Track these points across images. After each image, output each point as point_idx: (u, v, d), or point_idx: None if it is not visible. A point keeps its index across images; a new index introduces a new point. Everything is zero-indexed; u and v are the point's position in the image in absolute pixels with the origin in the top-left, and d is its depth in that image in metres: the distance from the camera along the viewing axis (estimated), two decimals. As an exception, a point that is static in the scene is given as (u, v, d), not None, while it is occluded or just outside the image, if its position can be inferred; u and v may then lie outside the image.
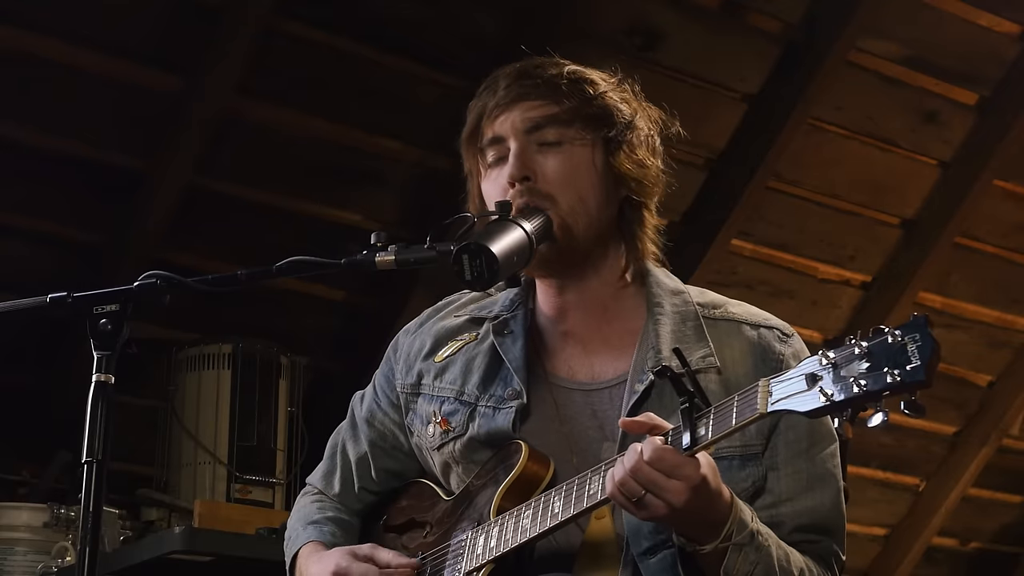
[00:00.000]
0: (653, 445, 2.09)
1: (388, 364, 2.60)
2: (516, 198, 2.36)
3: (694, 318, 2.42)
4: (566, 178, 2.37)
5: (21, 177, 4.51)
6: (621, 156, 2.40)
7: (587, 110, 2.40)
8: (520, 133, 2.39)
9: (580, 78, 2.42)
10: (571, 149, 2.39)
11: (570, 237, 2.37)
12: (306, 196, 4.90)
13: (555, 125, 2.39)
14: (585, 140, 2.39)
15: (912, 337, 1.90)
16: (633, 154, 2.41)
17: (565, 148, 2.39)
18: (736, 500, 2.17)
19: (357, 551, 2.42)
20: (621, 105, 2.43)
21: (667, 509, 2.09)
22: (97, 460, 2.08)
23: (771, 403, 2.02)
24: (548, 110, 2.39)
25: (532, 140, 2.39)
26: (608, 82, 2.45)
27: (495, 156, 2.43)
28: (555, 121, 2.39)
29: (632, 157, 2.41)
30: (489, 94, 2.44)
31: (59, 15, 4.32)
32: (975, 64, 5.60)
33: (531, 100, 2.40)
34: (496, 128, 2.42)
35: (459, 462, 2.43)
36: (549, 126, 2.39)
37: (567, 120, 2.39)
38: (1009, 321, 6.27)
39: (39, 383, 4.74)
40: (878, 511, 6.37)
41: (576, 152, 2.39)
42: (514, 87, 2.41)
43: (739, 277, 5.63)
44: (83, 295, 2.17)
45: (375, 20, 4.70)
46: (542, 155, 2.39)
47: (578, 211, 2.37)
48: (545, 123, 2.39)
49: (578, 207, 2.37)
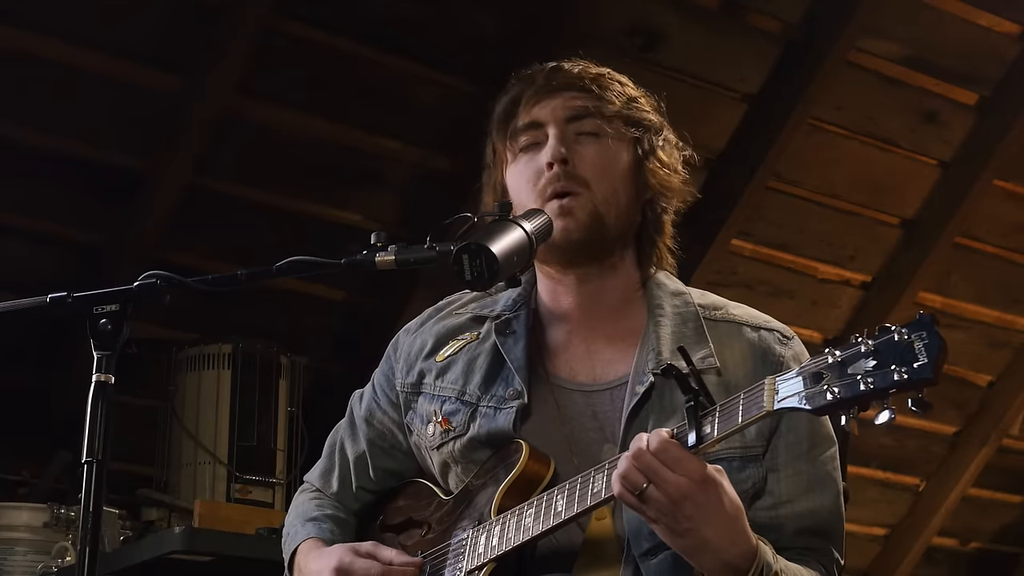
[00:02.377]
0: (659, 436, 2.10)
1: (388, 363, 2.60)
2: (552, 182, 2.40)
3: (694, 319, 2.42)
4: (603, 168, 2.42)
5: (21, 177, 4.50)
6: (652, 159, 2.45)
7: (625, 110, 2.45)
8: (561, 120, 2.43)
9: (619, 80, 2.49)
10: (608, 142, 2.43)
11: (601, 225, 2.40)
12: (306, 196, 4.90)
13: (595, 117, 2.43)
14: (622, 137, 2.44)
15: (919, 335, 1.91)
16: (662, 160, 2.46)
17: (603, 140, 2.43)
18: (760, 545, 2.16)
19: (359, 548, 2.42)
20: (652, 114, 2.50)
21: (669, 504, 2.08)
22: (97, 460, 2.08)
23: (777, 401, 2.02)
24: (590, 102, 2.44)
25: (571, 129, 2.43)
26: (640, 91, 2.52)
27: (529, 141, 2.46)
28: (595, 114, 2.43)
29: (662, 161, 2.46)
30: (526, 82, 2.48)
31: (59, 15, 4.32)
32: (975, 64, 5.60)
33: (573, 91, 2.45)
34: (534, 113, 2.45)
35: (458, 461, 2.43)
36: (589, 117, 2.44)
37: (607, 116, 2.43)
38: (1009, 321, 6.27)
39: (39, 383, 4.74)
40: (878, 511, 6.37)
41: (613, 146, 2.43)
42: (555, 77, 2.46)
43: (739, 277, 5.63)
44: (83, 295, 2.17)
45: (375, 20, 4.70)
46: (580, 144, 2.43)
47: (610, 201, 2.41)
48: (586, 114, 2.44)
49: (611, 197, 2.41)
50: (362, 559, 2.39)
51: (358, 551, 2.41)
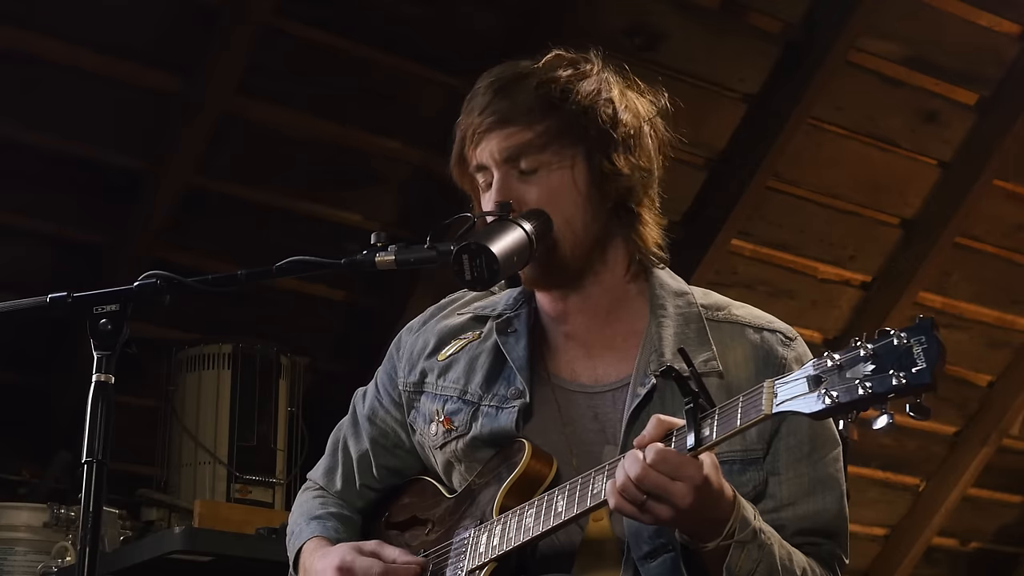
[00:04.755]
0: (655, 448, 2.09)
1: (391, 362, 2.60)
2: None
3: (697, 320, 2.41)
4: (548, 200, 2.35)
5: (21, 177, 4.50)
6: (605, 167, 2.36)
7: (562, 125, 2.35)
8: (499, 163, 2.38)
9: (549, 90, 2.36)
10: (548, 175, 2.36)
11: (559, 255, 2.36)
12: (306, 196, 4.90)
13: (530, 152, 2.36)
14: (563, 162, 2.36)
15: (918, 340, 1.90)
16: (616, 162, 2.36)
17: (542, 175, 2.36)
18: (739, 498, 2.17)
19: (362, 547, 2.42)
20: (603, 106, 2.38)
21: (671, 512, 2.08)
22: (97, 460, 2.08)
23: (776, 404, 2.01)
24: (522, 137, 2.35)
25: (512, 168, 2.37)
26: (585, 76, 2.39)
27: (484, 181, 2.42)
28: (529, 148, 2.35)
29: (616, 165, 2.36)
30: (469, 114, 2.41)
31: (59, 15, 4.32)
32: (975, 64, 5.59)
33: (505, 128, 2.36)
34: (479, 156, 2.40)
35: (461, 460, 2.43)
36: (524, 155, 2.36)
37: (541, 145, 2.35)
38: (1009, 321, 6.27)
39: (39, 383, 4.74)
40: (878, 511, 6.37)
41: (554, 177, 2.36)
42: (488, 112, 2.37)
43: (739, 277, 5.62)
44: (83, 295, 2.17)
45: (375, 20, 4.70)
46: (523, 183, 2.37)
47: (564, 232, 2.35)
48: (519, 151, 2.36)
49: (564, 228, 2.35)
50: (364, 557, 2.39)
51: (362, 550, 2.41)
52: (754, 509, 2.21)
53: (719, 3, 5.12)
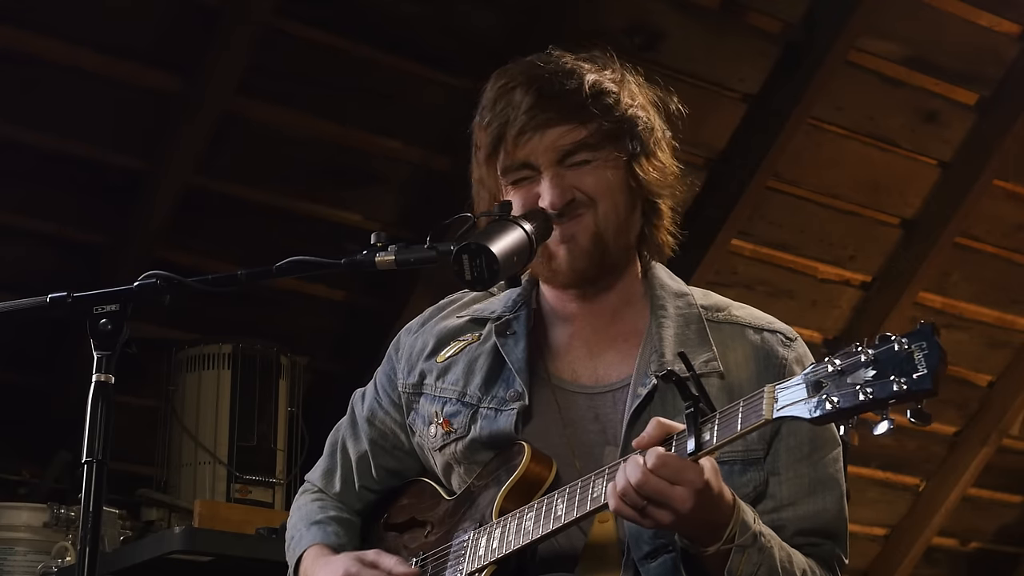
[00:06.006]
0: (655, 452, 2.09)
1: (390, 363, 2.60)
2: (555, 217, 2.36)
3: (697, 321, 2.42)
4: (600, 190, 2.38)
5: (21, 177, 4.50)
6: (647, 168, 2.42)
7: (613, 128, 2.40)
8: (553, 163, 2.39)
9: (600, 91, 2.41)
10: (603, 168, 2.39)
11: (604, 247, 2.39)
12: (306, 196, 4.90)
13: (585, 150, 2.39)
14: (616, 160, 2.40)
15: (919, 345, 1.90)
16: (655, 163, 2.43)
17: (598, 167, 2.39)
18: (739, 502, 2.17)
19: (363, 557, 2.42)
20: (639, 112, 2.44)
21: (672, 516, 2.09)
22: (97, 460, 2.08)
23: (776, 409, 2.01)
24: (577, 135, 2.38)
25: (561, 166, 2.39)
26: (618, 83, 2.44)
27: (521, 177, 2.41)
28: (585, 146, 2.38)
29: (654, 165, 2.43)
30: (508, 110, 2.40)
31: (59, 15, 4.32)
32: (975, 64, 5.59)
33: (559, 126, 2.38)
34: (523, 155, 2.39)
35: (461, 463, 2.43)
36: (580, 151, 2.39)
37: (596, 144, 2.39)
38: (1009, 321, 6.27)
39: (39, 383, 4.74)
40: (878, 511, 6.37)
41: (608, 172, 2.40)
42: (537, 111, 2.38)
43: (739, 277, 5.62)
44: (83, 295, 2.17)
45: (375, 20, 4.70)
46: (575, 173, 2.39)
47: (610, 216, 2.39)
48: (576, 149, 2.39)
49: (611, 212, 2.39)
50: (367, 568, 2.39)
51: (363, 560, 2.41)
52: (754, 512, 2.21)
53: (719, 3, 5.12)
